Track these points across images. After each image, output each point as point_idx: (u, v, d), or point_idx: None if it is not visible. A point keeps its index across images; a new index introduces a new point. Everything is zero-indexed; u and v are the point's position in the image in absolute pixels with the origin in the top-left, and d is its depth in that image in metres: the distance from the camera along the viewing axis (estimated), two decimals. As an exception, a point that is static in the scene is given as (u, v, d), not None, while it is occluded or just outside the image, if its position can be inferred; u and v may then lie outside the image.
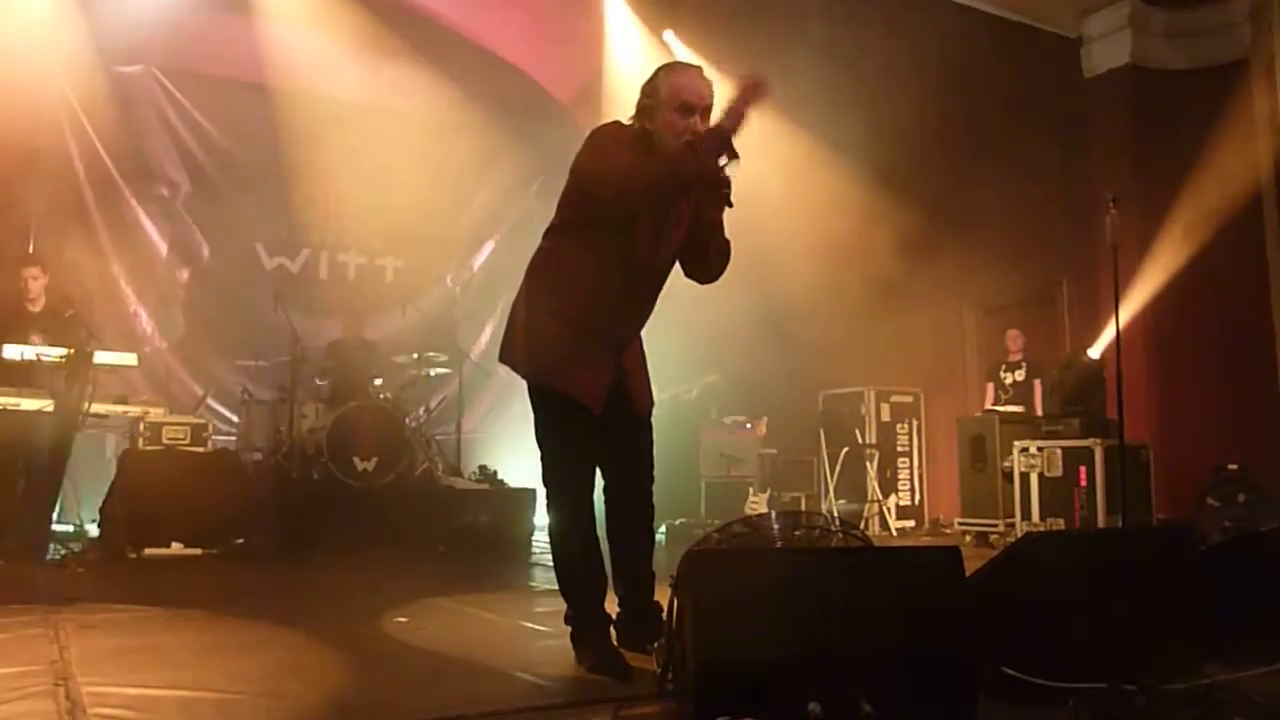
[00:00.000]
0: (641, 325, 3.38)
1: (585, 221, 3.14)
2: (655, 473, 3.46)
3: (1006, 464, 7.93)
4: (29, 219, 7.26)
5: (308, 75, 8.34)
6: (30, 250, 7.14)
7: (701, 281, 3.38)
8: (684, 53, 9.07)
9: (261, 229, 8.85)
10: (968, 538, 8.09)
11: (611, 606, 3.28)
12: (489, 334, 9.61)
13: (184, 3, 7.81)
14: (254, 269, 8.85)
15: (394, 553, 6.05)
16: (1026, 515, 7.64)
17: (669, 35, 9.05)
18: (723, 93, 3.04)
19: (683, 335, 8.23)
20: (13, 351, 5.67)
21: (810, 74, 8.02)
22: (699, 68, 3.14)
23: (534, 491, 7.24)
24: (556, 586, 3.26)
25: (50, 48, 7.31)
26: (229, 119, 8.70)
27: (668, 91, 3.06)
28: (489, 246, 10.04)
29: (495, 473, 7.69)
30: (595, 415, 3.14)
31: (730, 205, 3.10)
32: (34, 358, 5.68)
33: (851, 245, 8.44)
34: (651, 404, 3.42)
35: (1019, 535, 6.89)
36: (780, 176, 8.27)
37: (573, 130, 9.45)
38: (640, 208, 3.08)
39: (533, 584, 5.43)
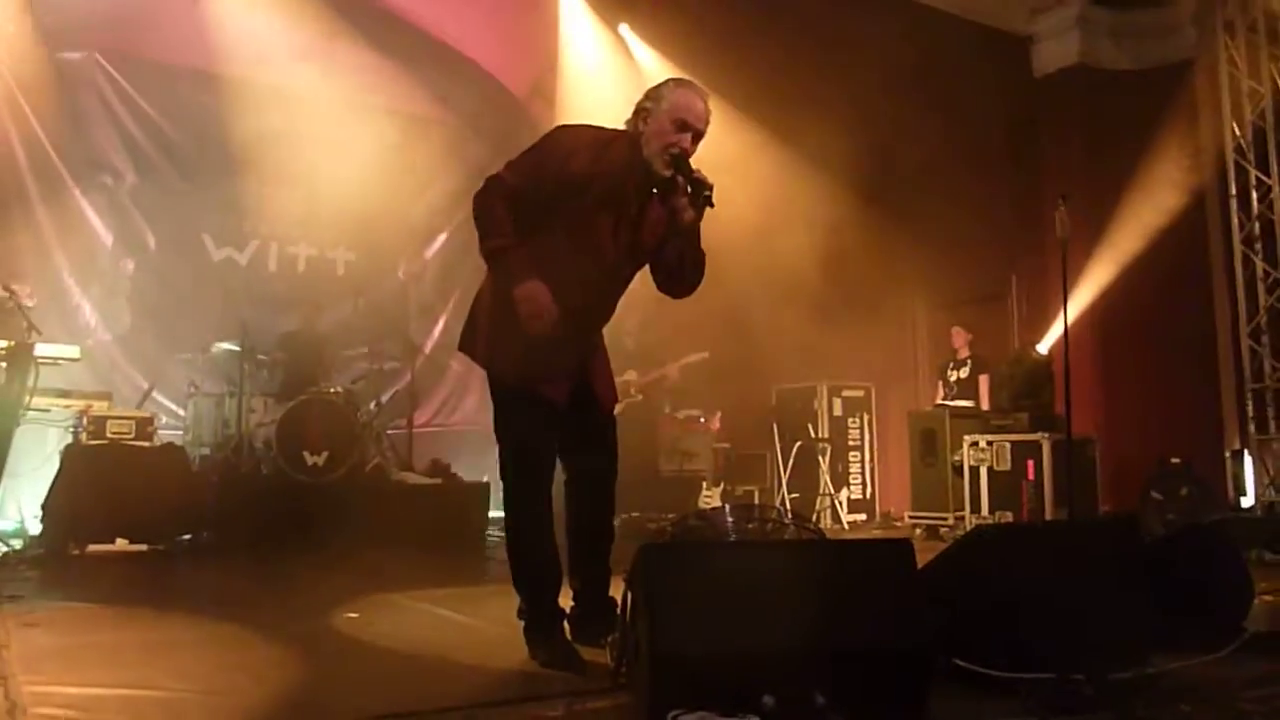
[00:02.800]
0: (604, 323, 3.38)
1: (542, 216, 3.10)
2: None
3: (956, 458, 8.03)
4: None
5: (257, 63, 8.20)
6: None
7: (674, 294, 3.36)
8: (638, 46, 9.06)
9: (209, 220, 8.70)
10: (918, 531, 8.18)
11: (566, 601, 3.26)
12: (441, 327, 9.53)
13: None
14: (201, 260, 8.70)
15: (344, 548, 5.98)
16: (976, 508, 7.75)
17: (624, 28, 9.03)
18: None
19: (637, 329, 8.24)
20: (-50, 344, 5.52)
21: (762, 67, 8.06)
22: (706, 93, 3.22)
23: (487, 486, 7.20)
24: (511, 581, 3.23)
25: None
26: (176, 107, 8.54)
27: (670, 103, 3.13)
28: (441, 238, 9.95)
29: (448, 467, 7.64)
30: (558, 410, 3.15)
31: (711, 205, 3.07)
32: (-27, 351, 5.53)
33: (804, 240, 8.49)
34: (615, 400, 3.44)
35: (969, 528, 6.98)
36: (732, 168, 8.27)
37: (527, 123, 9.40)
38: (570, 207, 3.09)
39: (486, 580, 5.40)
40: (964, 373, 8.84)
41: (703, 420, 8.71)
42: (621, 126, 3.23)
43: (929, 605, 2.49)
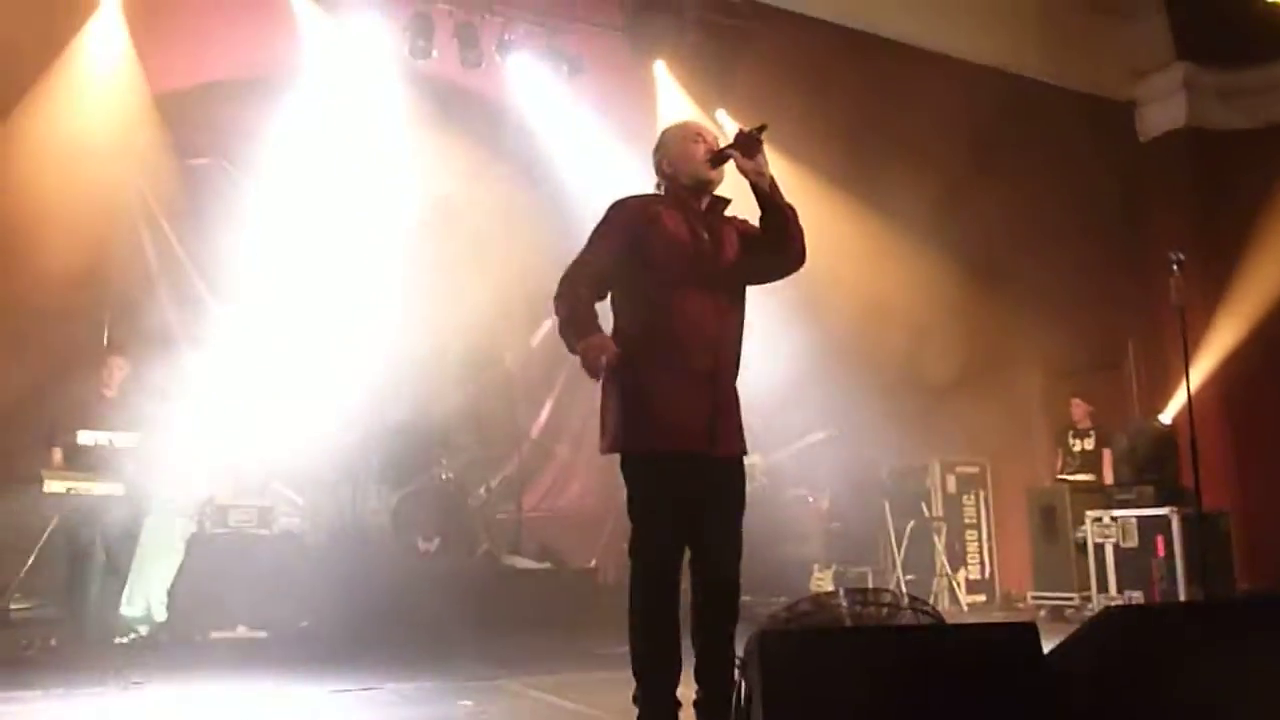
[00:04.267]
0: (727, 366, 3.26)
1: (629, 287, 3.24)
2: None
3: (1079, 534, 7.72)
4: (105, 310, 7.48)
5: (376, 162, 8.55)
6: (105, 342, 7.33)
7: (788, 266, 3.34)
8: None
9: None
10: (1042, 612, 7.86)
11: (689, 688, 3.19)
12: (547, 412, 9.63)
13: (250, 97, 8.09)
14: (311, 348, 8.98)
15: (456, 634, 6.01)
16: (1103, 588, 7.41)
17: (721, 114, 9.17)
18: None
19: (765, 405, 8.19)
20: (86, 437, 5.82)
21: (865, 149, 8.08)
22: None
23: (595, 572, 7.20)
24: (625, 668, 3.19)
25: (125, 144, 7.59)
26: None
27: (674, 135, 3.40)
28: (547, 325, 10.09)
29: (558, 552, 7.65)
30: (683, 462, 3.09)
31: (762, 141, 3.21)
32: (106, 443, 5.81)
33: (913, 315, 8.38)
34: (743, 448, 3.31)
35: (1096, 609, 6.66)
36: (843, 248, 8.29)
37: (626, 208, 9.53)
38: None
39: (595, 667, 5.35)
40: (1087, 444, 8.54)
41: (811, 500, 8.57)
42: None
43: (1057, 692, 2.38)
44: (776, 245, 3.28)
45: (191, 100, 7.95)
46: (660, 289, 3.17)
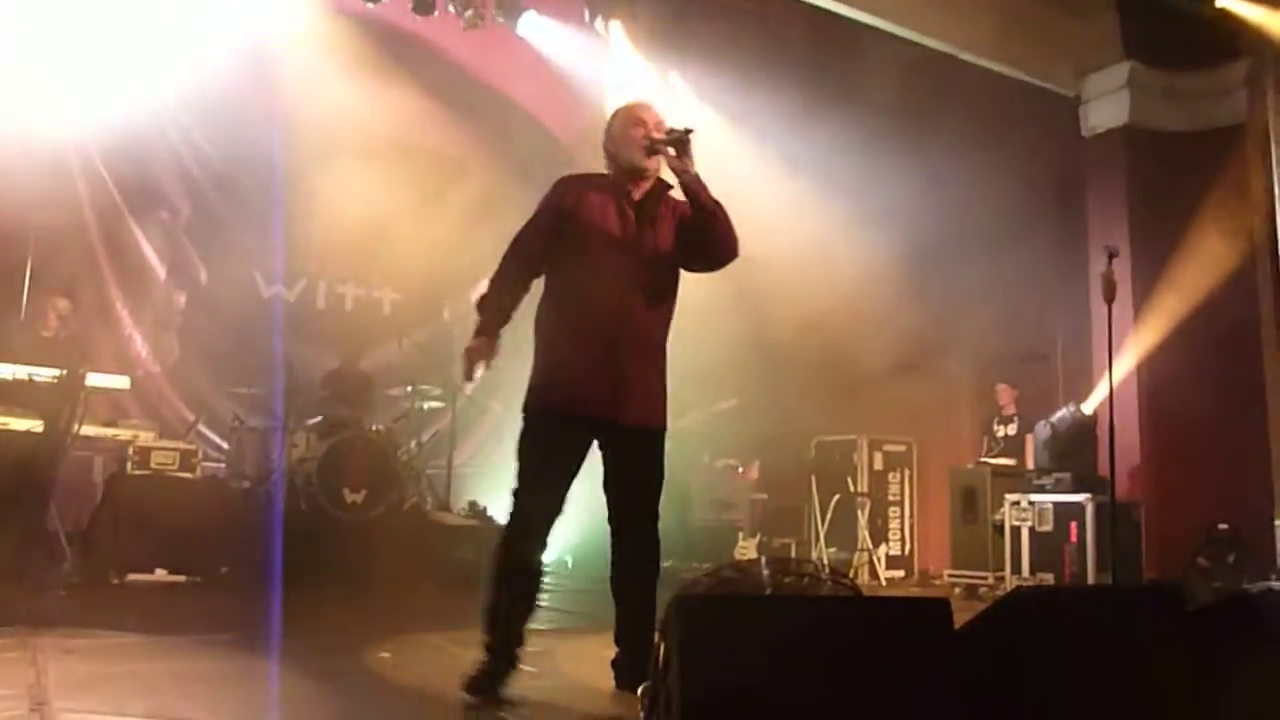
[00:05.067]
0: (640, 339, 3.41)
1: (558, 255, 3.43)
2: None
3: (997, 517, 7.91)
4: (29, 241, 7.25)
5: (311, 104, 8.37)
6: (27, 275, 7.11)
7: (715, 259, 3.44)
8: (687, 94, 9.16)
9: (260, 256, 8.84)
10: (957, 590, 8.06)
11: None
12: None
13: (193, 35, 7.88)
14: (251, 296, 8.84)
15: (380, 587, 5.99)
16: (1017, 569, 7.62)
17: (674, 76, 9.14)
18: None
19: (675, 370, 8.24)
20: (4, 370, 5.65)
21: (809, 117, 8.11)
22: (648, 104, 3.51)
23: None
24: (553, 626, 3.23)
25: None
26: (232, 146, 8.73)
27: (619, 120, 3.48)
28: (485, 282, 10.04)
29: (485, 509, 7.65)
30: (587, 432, 3.30)
31: (688, 137, 3.28)
32: (26, 377, 5.66)
33: (849, 292, 8.47)
34: (655, 420, 3.46)
35: (1009, 588, 6.86)
36: (776, 217, 8.32)
37: (575, 170, 9.49)
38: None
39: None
40: (1010, 429, 8.74)
41: (740, 470, 8.66)
42: None
43: (966, 667, 2.45)
44: (701, 242, 3.38)
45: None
46: (575, 266, 3.36)
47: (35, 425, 5.63)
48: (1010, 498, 7.80)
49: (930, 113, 7.99)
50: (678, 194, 3.44)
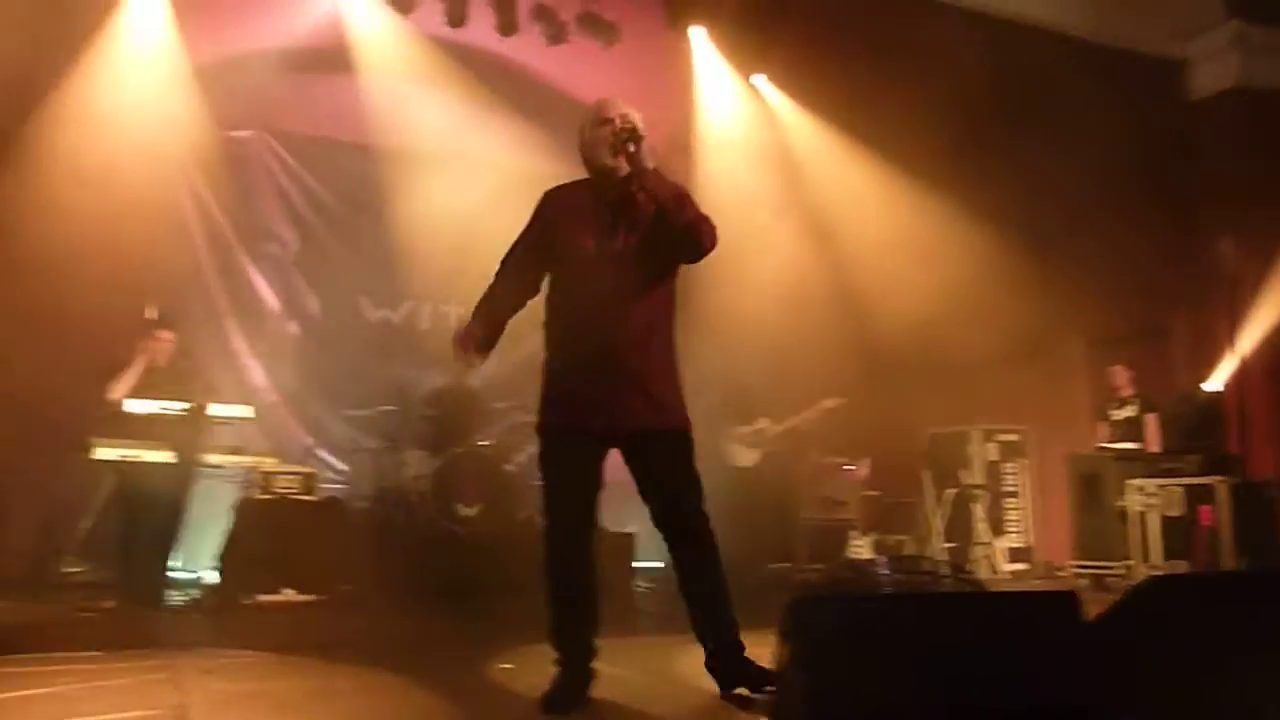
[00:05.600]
0: (638, 341, 3.35)
1: (550, 266, 3.49)
2: (751, 515, 3.52)
3: (1122, 503, 7.63)
4: (148, 280, 7.59)
5: (408, 131, 8.58)
6: (151, 311, 7.44)
7: (685, 255, 3.39)
8: (775, 96, 9.09)
9: (365, 282, 9.10)
10: (1083, 581, 7.80)
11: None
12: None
13: (291, 68, 8.14)
14: (359, 321, 9.09)
15: (498, 598, 6.09)
16: (1145, 557, 7.33)
17: (759, 79, 9.09)
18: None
19: (778, 369, 8.19)
20: (136, 405, 5.93)
21: (903, 111, 7.97)
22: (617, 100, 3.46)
23: (634, 536, 7.24)
24: (666, 631, 3.26)
25: (168, 118, 7.67)
26: (334, 177, 8.99)
27: (589, 121, 3.41)
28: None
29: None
30: (590, 438, 3.29)
31: (639, 140, 3.26)
32: (156, 411, 5.92)
33: (954, 281, 8.29)
34: (665, 421, 3.39)
35: (1139, 578, 6.61)
36: (879, 212, 8.21)
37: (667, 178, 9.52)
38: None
39: (635, 631, 5.40)
40: (1129, 411, 8.42)
41: (849, 466, 8.54)
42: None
43: (1098, 662, 2.37)
44: (671, 238, 3.32)
45: (232, 71, 8.00)
46: (563, 275, 3.40)
47: (166, 457, 5.89)
48: (1134, 483, 7.51)
49: (1027, 91, 7.78)
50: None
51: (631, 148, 3.25)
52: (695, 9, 8.49)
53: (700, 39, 8.82)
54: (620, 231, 3.34)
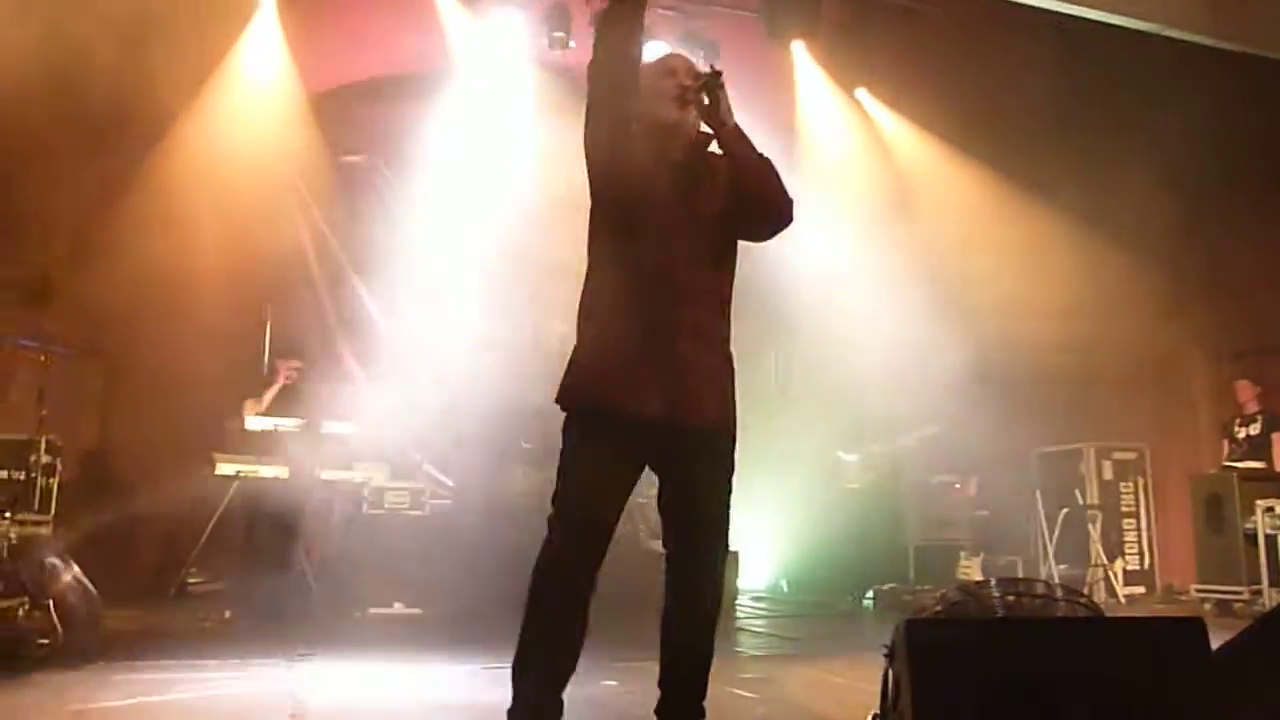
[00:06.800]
0: (696, 310, 2.82)
1: (603, 224, 2.91)
2: (859, 534, 3.35)
3: (1249, 525, 7.29)
4: (266, 302, 7.89)
5: (506, 151, 8.73)
6: (267, 334, 7.73)
7: (761, 225, 2.93)
8: (876, 108, 9.00)
9: (473, 299, 9.26)
10: (1207, 606, 7.47)
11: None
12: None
13: (400, 94, 8.39)
14: (466, 338, 9.25)
15: (602, 615, 6.10)
16: (1275, 581, 6.98)
17: (861, 93, 9.00)
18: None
19: (886, 390, 8.07)
20: (254, 422, 6.16)
21: (1010, 121, 7.80)
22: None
23: (736, 554, 7.20)
24: (763, 650, 3.20)
25: (283, 144, 7.97)
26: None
27: (648, 73, 2.91)
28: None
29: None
30: (641, 434, 2.69)
31: (720, 85, 2.82)
32: (272, 428, 6.14)
33: (1069, 296, 8.06)
34: (727, 424, 2.84)
35: (1268, 604, 6.30)
36: (989, 227, 8.04)
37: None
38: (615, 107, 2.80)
39: (738, 649, 5.36)
40: (1254, 429, 8.05)
41: (958, 486, 8.36)
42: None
43: (1226, 693, 2.27)
44: (747, 203, 2.86)
45: (343, 99, 8.30)
46: (626, 224, 2.82)
47: (282, 472, 6.10)
48: (1262, 503, 7.17)
49: (1146, 97, 7.52)
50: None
51: (705, 99, 2.82)
52: (795, 24, 8.44)
53: (801, 54, 8.78)
54: (691, 195, 2.86)
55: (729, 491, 2.85)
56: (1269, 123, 8.34)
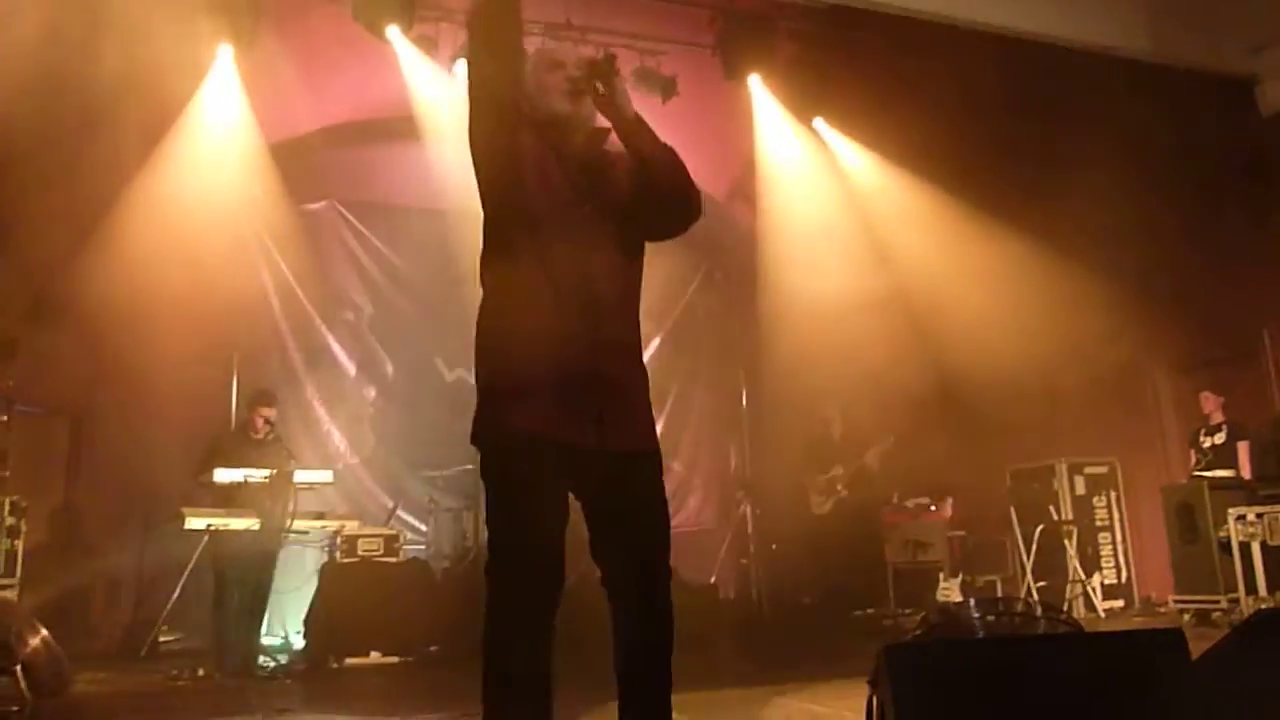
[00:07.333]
0: (615, 321, 2.65)
1: (500, 235, 2.66)
2: (833, 561, 3.27)
3: (1222, 534, 7.36)
4: (233, 352, 7.82)
5: (474, 194, 8.75)
6: (234, 384, 7.66)
7: (666, 220, 2.71)
8: (834, 138, 9.10)
9: (439, 343, 9.26)
10: (1186, 616, 7.51)
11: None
12: (660, 427, 9.67)
13: (359, 140, 8.40)
14: (435, 383, 9.24)
15: (585, 653, 6.05)
16: (1252, 589, 7.04)
17: (818, 123, 9.11)
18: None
19: (850, 414, 8.11)
20: (223, 475, 6.08)
21: (964, 144, 7.91)
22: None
23: (715, 588, 7.20)
24: (751, 685, 3.16)
25: (244, 194, 7.95)
26: (404, 243, 9.23)
27: (531, 66, 2.71)
28: (655, 343, 10.19)
29: (674, 569, 7.64)
30: (559, 456, 2.46)
31: (615, 73, 2.59)
32: (241, 479, 6.07)
33: (1030, 315, 8.15)
34: (654, 441, 2.66)
35: (1246, 611, 6.35)
36: (948, 250, 8.13)
37: (729, 225, 9.58)
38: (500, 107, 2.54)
39: (720, 683, 5.32)
40: (1218, 439, 8.14)
41: (933, 508, 8.38)
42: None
43: (1209, 702, 2.28)
44: (657, 195, 2.63)
45: (303, 147, 8.28)
46: (524, 233, 2.58)
47: (252, 524, 6.02)
48: (1234, 512, 7.24)
49: (1093, 118, 7.66)
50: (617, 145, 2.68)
51: (600, 87, 2.57)
52: (751, 58, 8.54)
53: (758, 87, 8.88)
54: (592, 194, 2.62)
55: (666, 511, 2.67)
56: (1222, 133, 8.53)
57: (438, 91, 8.14)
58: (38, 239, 6.90)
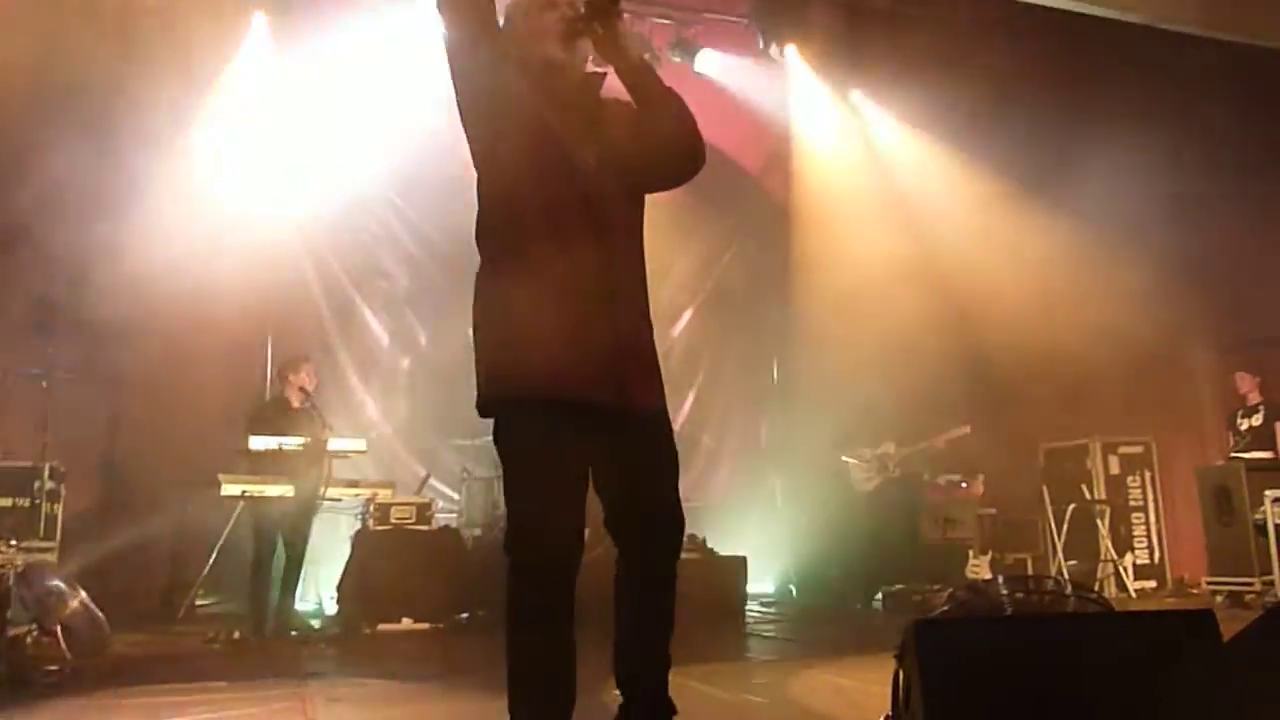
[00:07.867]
0: (633, 276, 2.58)
1: (496, 192, 2.55)
2: (869, 536, 3.28)
3: (1258, 516, 7.27)
4: (269, 323, 7.90)
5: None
6: (269, 354, 7.74)
7: (669, 168, 2.59)
8: (871, 110, 9.01)
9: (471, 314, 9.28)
10: (1219, 598, 7.45)
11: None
12: (691, 402, 9.68)
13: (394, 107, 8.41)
14: (467, 352, 9.24)
15: (609, 625, 6.10)
16: (1286, 571, 6.96)
17: (856, 95, 9.01)
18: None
19: (886, 390, 8.07)
20: (258, 442, 6.15)
21: (1003, 120, 7.81)
22: None
23: (744, 559, 7.20)
24: (780, 654, 3.17)
25: (279, 164, 7.98)
26: (437, 213, 9.23)
27: (521, 11, 2.57)
28: (687, 315, 10.16)
29: (704, 540, 7.68)
30: (577, 416, 2.36)
31: (619, 12, 2.47)
32: (276, 447, 6.14)
33: (1069, 292, 8.06)
34: (662, 396, 2.56)
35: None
36: (987, 225, 8.04)
37: (763, 200, 9.52)
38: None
39: (749, 654, 5.35)
40: (1255, 420, 8.04)
41: (965, 485, 8.34)
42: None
43: (1239, 685, 2.26)
44: (660, 143, 2.52)
45: (336, 115, 8.29)
46: (524, 186, 2.45)
47: (287, 490, 6.09)
48: (1271, 493, 7.15)
49: (1141, 92, 7.52)
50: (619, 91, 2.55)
51: (599, 29, 2.45)
52: (787, 29, 8.46)
53: (794, 58, 8.79)
54: (597, 141, 2.50)
55: (677, 475, 2.58)
56: (1263, 110, 8.35)
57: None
58: (77, 211, 7.00)
